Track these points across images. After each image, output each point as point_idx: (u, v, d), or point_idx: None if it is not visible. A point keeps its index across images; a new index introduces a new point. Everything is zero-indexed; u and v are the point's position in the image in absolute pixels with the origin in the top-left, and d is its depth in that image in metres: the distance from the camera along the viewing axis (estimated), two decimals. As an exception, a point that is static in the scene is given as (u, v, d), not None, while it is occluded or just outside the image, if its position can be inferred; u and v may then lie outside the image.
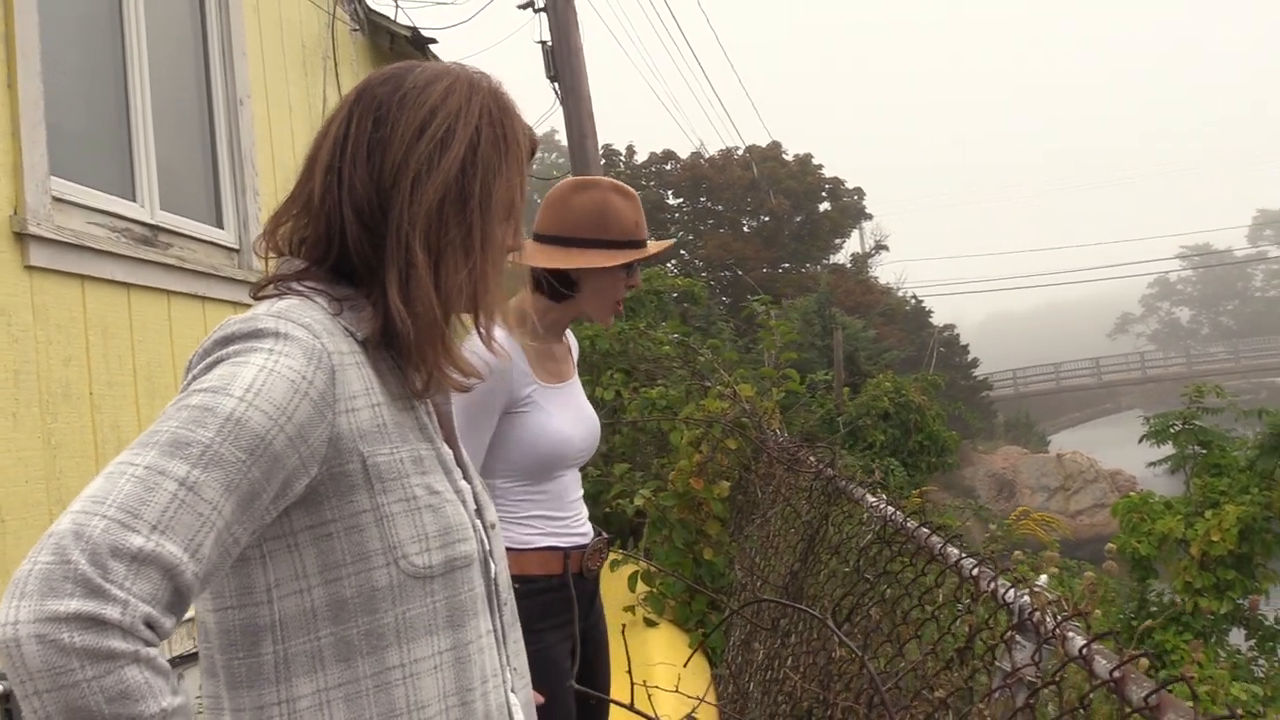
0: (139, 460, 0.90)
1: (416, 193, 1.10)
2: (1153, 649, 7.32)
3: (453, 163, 1.11)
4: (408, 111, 1.13)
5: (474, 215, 1.13)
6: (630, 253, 2.15)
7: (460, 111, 1.14)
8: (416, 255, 1.09)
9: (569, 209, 2.18)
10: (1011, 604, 1.70)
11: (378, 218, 1.11)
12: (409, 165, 1.11)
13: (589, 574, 2.27)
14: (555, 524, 2.21)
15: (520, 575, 2.16)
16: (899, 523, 2.42)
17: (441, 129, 1.12)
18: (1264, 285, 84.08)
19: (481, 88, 1.18)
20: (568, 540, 2.21)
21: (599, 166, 8.59)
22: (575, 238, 2.15)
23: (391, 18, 6.28)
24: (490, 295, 1.17)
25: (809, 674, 2.61)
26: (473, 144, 1.13)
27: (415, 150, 1.11)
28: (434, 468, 1.15)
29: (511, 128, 1.18)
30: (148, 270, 3.67)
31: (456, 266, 1.12)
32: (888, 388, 12.77)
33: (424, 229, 1.10)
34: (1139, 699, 1.24)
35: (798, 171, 33.07)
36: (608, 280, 2.18)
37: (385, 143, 1.12)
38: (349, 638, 1.06)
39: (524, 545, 2.16)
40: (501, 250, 1.18)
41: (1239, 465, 7.78)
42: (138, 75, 3.84)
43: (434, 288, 1.10)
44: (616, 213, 2.15)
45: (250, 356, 1.00)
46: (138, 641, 0.84)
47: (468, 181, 1.12)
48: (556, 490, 2.23)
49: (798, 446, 3.83)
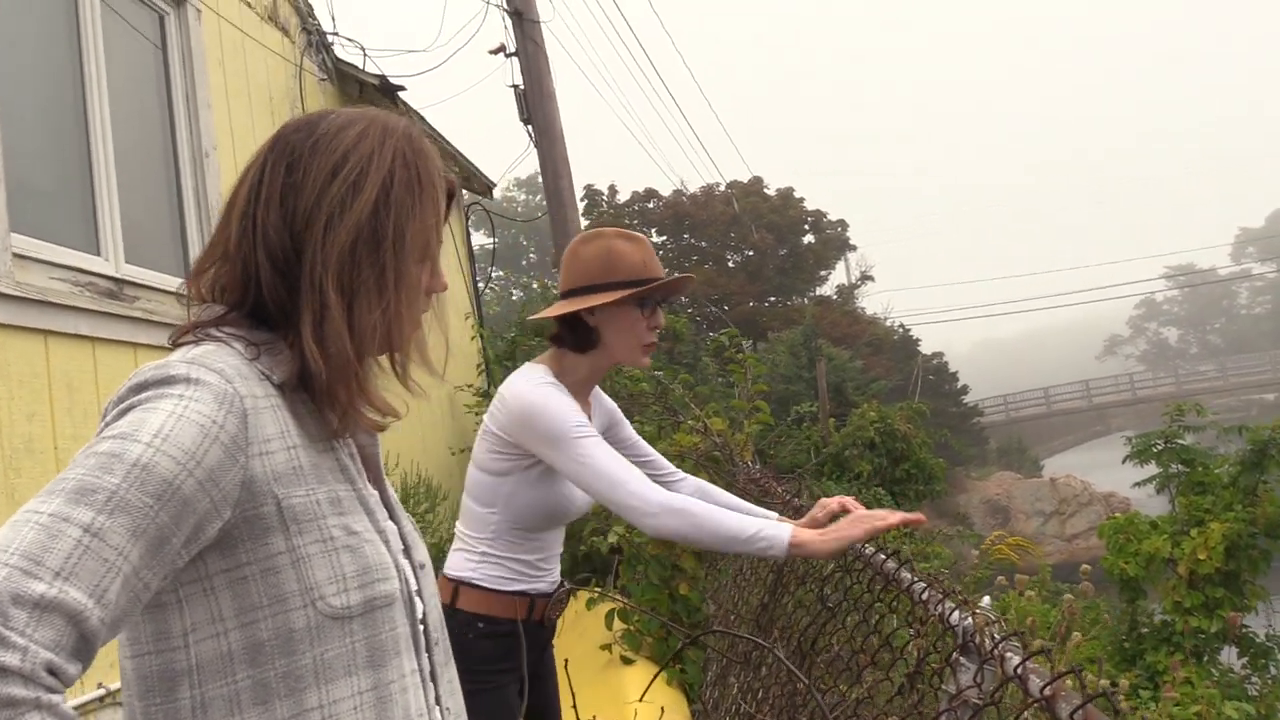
0: (44, 508, 0.90)
1: (329, 235, 1.12)
2: (1144, 670, 7.28)
3: (365, 204, 1.13)
4: (320, 156, 1.15)
5: (387, 256, 1.14)
6: (633, 288, 2.19)
7: (373, 155, 1.16)
8: (330, 297, 1.11)
9: (577, 260, 2.24)
10: (956, 626, 1.70)
11: (292, 261, 1.13)
12: (321, 208, 1.12)
13: (548, 623, 2.29)
14: (532, 572, 2.24)
15: (486, 615, 2.17)
16: (858, 550, 2.42)
17: (354, 172, 1.14)
18: (1249, 303, 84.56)
19: (396, 132, 1.20)
20: (537, 588, 2.24)
21: (574, 207, 8.64)
22: (586, 286, 2.21)
23: (360, 66, 6.34)
24: (405, 335, 1.18)
25: (776, 705, 2.60)
26: (385, 186, 1.15)
27: (327, 193, 1.13)
28: (354, 508, 1.15)
29: (426, 170, 1.20)
30: (113, 324, 3.68)
31: (370, 307, 1.13)
32: (873, 417, 12.77)
33: (337, 270, 1.12)
34: (1066, 716, 1.24)
35: (780, 205, 33.24)
36: (625, 321, 2.22)
37: (298, 187, 1.14)
38: (266, 680, 1.05)
39: (496, 587, 2.19)
40: (417, 290, 1.19)
41: (1222, 482, 7.77)
42: (100, 129, 3.86)
43: (347, 328, 1.12)
44: (621, 255, 2.21)
45: (160, 403, 1.01)
46: (38, 688, 0.83)
47: (380, 223, 1.14)
48: (546, 541, 2.27)
49: (767, 478, 3.83)
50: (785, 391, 18.51)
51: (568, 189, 8.53)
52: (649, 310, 2.24)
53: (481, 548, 2.21)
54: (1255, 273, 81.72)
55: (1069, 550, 24.99)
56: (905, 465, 12.53)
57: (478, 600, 2.18)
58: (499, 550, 2.20)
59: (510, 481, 2.18)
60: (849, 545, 1.96)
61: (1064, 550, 24.79)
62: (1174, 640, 7.43)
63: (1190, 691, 6.16)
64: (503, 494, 2.19)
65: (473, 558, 2.22)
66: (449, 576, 2.23)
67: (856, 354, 25.36)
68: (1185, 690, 6.19)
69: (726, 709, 3.35)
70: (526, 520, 2.21)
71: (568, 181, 8.54)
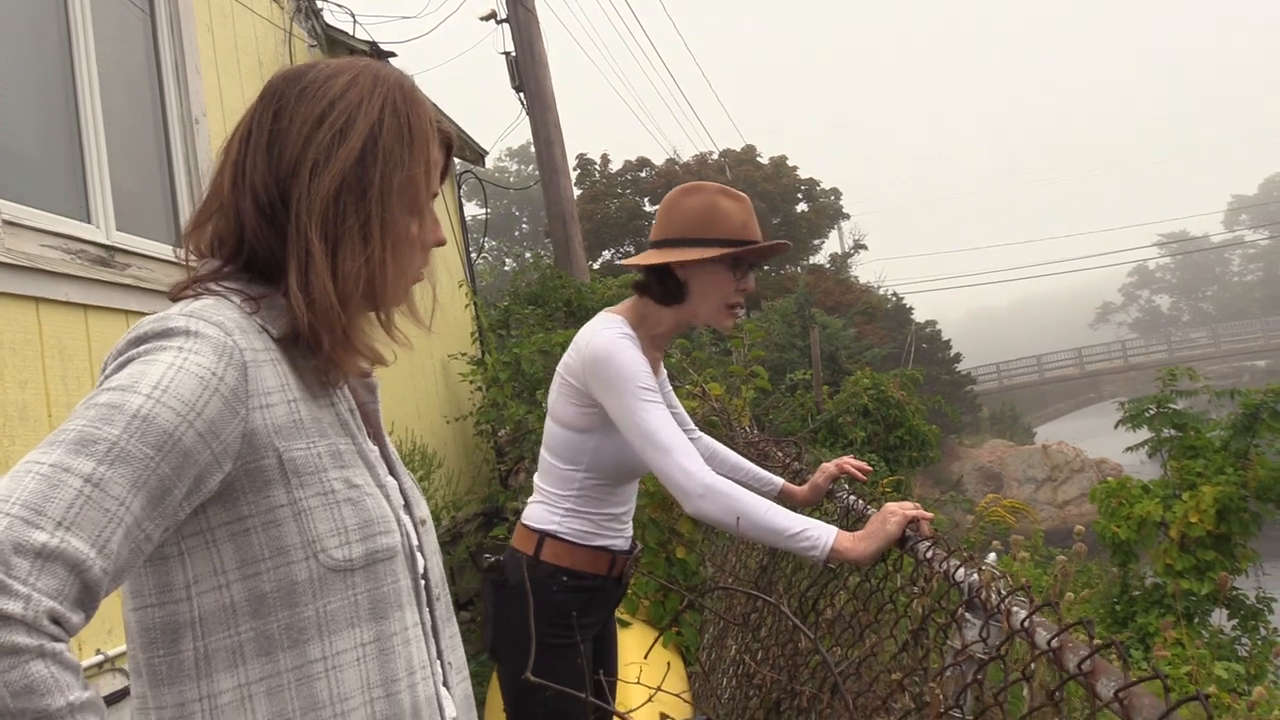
0: (45, 459, 0.90)
1: (315, 182, 1.11)
2: (1135, 632, 7.35)
3: (351, 152, 1.12)
4: (306, 103, 1.14)
5: (373, 204, 1.13)
6: (732, 248, 2.14)
7: (361, 102, 1.14)
8: (314, 244, 1.10)
9: (677, 211, 2.19)
10: (961, 583, 1.70)
11: (278, 209, 1.12)
12: (307, 155, 1.11)
13: (626, 579, 2.30)
14: (616, 526, 2.25)
15: (570, 569, 2.17)
16: (860, 511, 2.42)
17: (341, 119, 1.13)
18: (1241, 270, 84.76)
19: (387, 80, 1.18)
20: (619, 544, 2.25)
21: (567, 174, 8.60)
22: (681, 238, 2.16)
23: (350, 33, 6.28)
24: (389, 285, 1.16)
25: (776, 665, 2.61)
26: (373, 135, 1.14)
27: (313, 141, 1.12)
28: (354, 462, 1.15)
29: (417, 120, 1.18)
30: (105, 291, 3.65)
31: (353, 254, 1.12)
32: (866, 384, 12.79)
33: (321, 218, 1.10)
34: (1074, 666, 1.25)
35: (773, 174, 33.21)
36: (716, 280, 2.18)
37: (284, 134, 1.13)
38: (269, 632, 1.06)
39: (581, 541, 2.19)
40: (405, 241, 1.18)
41: (1214, 447, 7.82)
42: (89, 96, 3.82)
43: (331, 275, 1.11)
44: (724, 213, 2.16)
45: (160, 355, 1.01)
46: (42, 636, 0.83)
47: (366, 171, 1.12)
48: (626, 494, 2.27)
49: (766, 442, 3.83)
50: (779, 359, 18.55)
51: (560, 156, 8.49)
52: (741, 272, 2.20)
53: (566, 504, 2.20)
54: (1248, 240, 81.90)
55: (1061, 516, 25.18)
56: (899, 432, 12.57)
57: (563, 553, 2.17)
58: (584, 506, 2.20)
59: (595, 437, 2.16)
60: (890, 545, 1.95)
61: (1056, 516, 24.98)
62: (1165, 602, 7.50)
63: (1181, 652, 6.22)
64: (588, 449, 2.17)
65: (556, 512, 2.20)
66: (532, 527, 2.21)
67: (850, 322, 25.39)
68: (1176, 651, 6.26)
69: (724, 670, 3.37)
70: (612, 474, 2.19)
71: (560, 149, 8.49)
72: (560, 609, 2.13)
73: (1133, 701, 1.10)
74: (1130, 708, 1.10)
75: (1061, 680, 1.27)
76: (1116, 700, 1.12)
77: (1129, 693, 1.11)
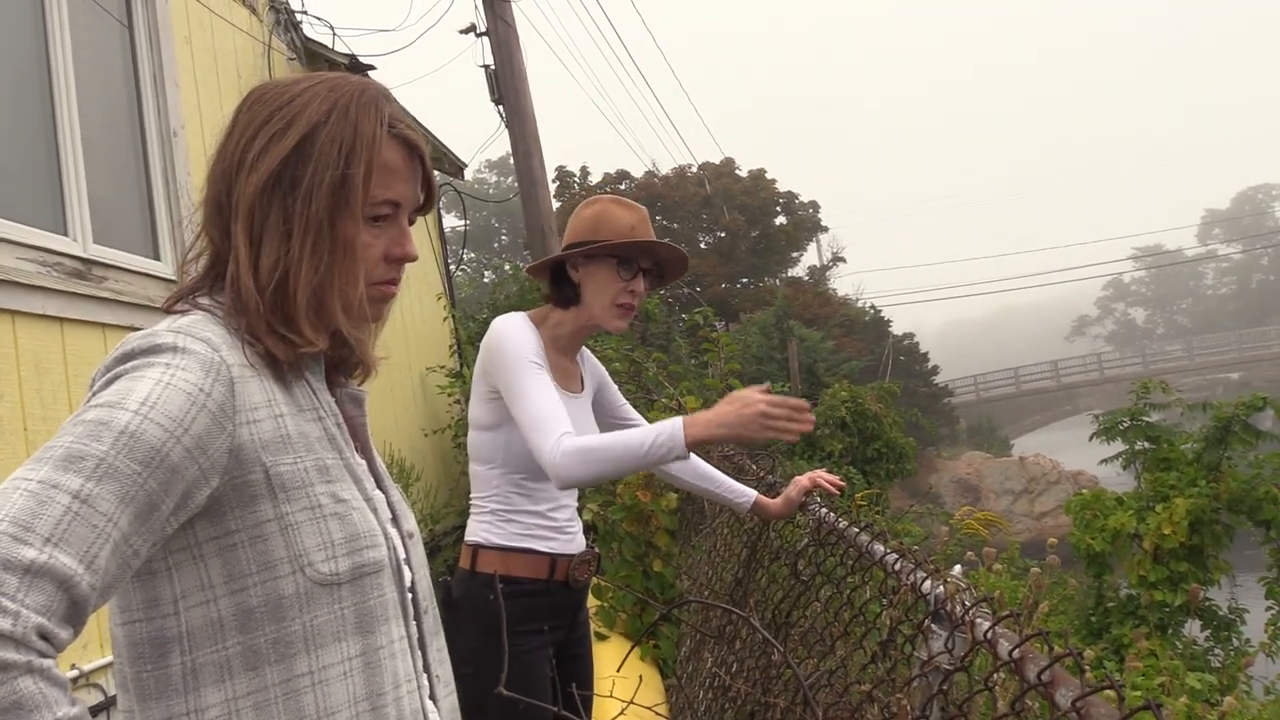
0: (33, 475, 0.91)
1: (247, 178, 1.13)
2: (1110, 643, 7.40)
3: (283, 150, 1.13)
4: (259, 107, 1.16)
5: (299, 203, 1.12)
6: (610, 245, 2.25)
7: (307, 106, 1.15)
8: (238, 239, 1.12)
9: (576, 220, 2.34)
10: (928, 595, 1.73)
11: (225, 209, 1.15)
12: (248, 155, 1.14)
13: (575, 584, 2.28)
14: (547, 528, 2.24)
15: (505, 576, 2.17)
16: (832, 524, 2.45)
17: (282, 121, 1.14)
18: (1215, 283, 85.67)
19: (345, 88, 1.18)
20: (555, 546, 2.24)
21: (546, 186, 8.62)
22: (574, 242, 2.30)
23: (329, 45, 6.29)
24: (305, 284, 1.13)
25: (750, 677, 2.63)
26: (311, 134, 1.14)
27: (254, 141, 1.14)
28: (341, 476, 1.16)
29: (366, 122, 1.16)
30: (81, 304, 3.64)
31: (271, 251, 1.12)
32: (844, 397, 12.84)
33: (247, 213, 1.12)
34: (1034, 677, 1.27)
35: (751, 187, 33.30)
36: (603, 279, 2.27)
37: (234, 136, 1.16)
38: (257, 646, 1.07)
39: (511, 544, 2.20)
40: (341, 245, 1.14)
41: (1186, 459, 7.91)
42: (66, 108, 3.81)
43: (251, 270, 1.12)
44: (611, 216, 2.29)
45: (147, 371, 1.02)
46: (30, 652, 0.83)
47: (296, 169, 1.13)
48: (550, 492, 2.26)
49: (741, 455, 3.86)
50: (757, 372, 18.59)
51: (539, 168, 8.51)
52: (630, 273, 2.28)
53: (490, 505, 2.23)
54: (1221, 253, 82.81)
55: (1038, 528, 25.28)
56: (876, 444, 12.62)
57: (495, 560, 2.18)
58: (508, 505, 2.21)
59: (504, 432, 2.19)
60: (743, 432, 1.98)
61: (1033, 528, 25.09)
62: (1139, 614, 7.57)
63: (1154, 663, 6.27)
64: (500, 445, 2.21)
65: (484, 519, 2.23)
66: (467, 543, 2.24)
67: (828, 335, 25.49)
68: (1149, 662, 6.30)
69: (700, 682, 3.39)
70: (525, 466, 2.20)
71: (539, 161, 8.51)
72: (498, 618, 2.13)
73: (1089, 711, 1.13)
74: (1087, 717, 1.13)
75: (1022, 690, 1.30)
76: (1074, 709, 1.15)
77: (1085, 702, 1.14)
